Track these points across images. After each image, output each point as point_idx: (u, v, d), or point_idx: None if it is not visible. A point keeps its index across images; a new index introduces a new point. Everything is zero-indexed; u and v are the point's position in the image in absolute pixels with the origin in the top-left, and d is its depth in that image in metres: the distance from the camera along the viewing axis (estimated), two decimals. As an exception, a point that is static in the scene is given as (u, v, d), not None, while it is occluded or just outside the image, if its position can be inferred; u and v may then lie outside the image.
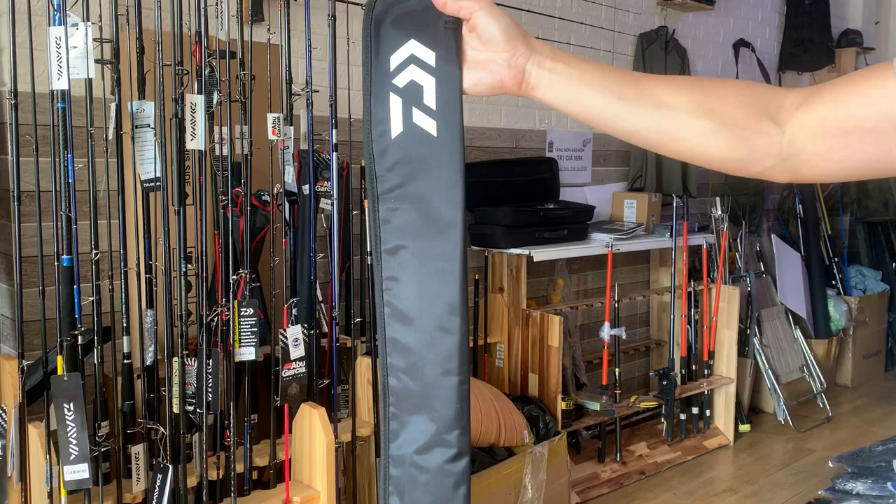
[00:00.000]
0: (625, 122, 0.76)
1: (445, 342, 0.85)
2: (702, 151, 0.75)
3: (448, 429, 0.86)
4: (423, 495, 0.86)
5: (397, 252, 0.86)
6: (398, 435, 0.87)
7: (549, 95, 0.77)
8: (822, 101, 0.73)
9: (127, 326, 1.71)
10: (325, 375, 2.11)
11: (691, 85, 0.77)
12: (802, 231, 4.51)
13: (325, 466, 1.69)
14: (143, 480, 1.66)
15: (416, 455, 0.86)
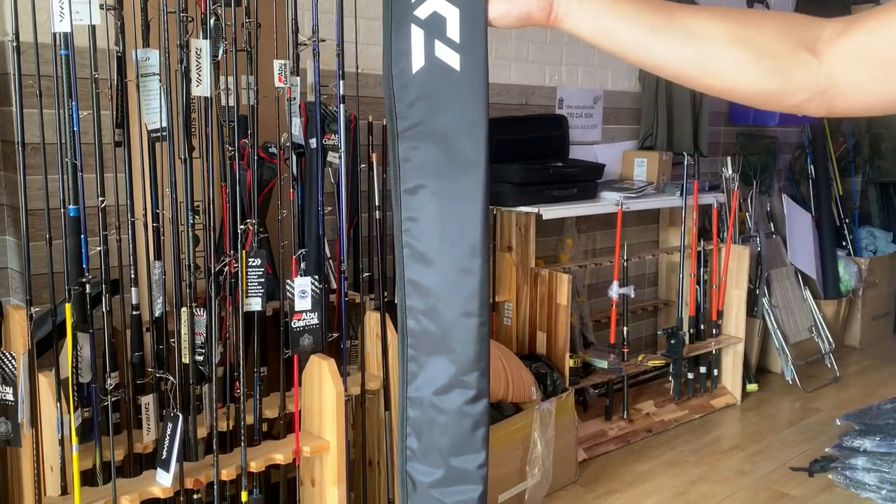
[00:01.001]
0: (656, 55, 0.74)
1: (466, 284, 0.83)
2: (735, 84, 0.73)
3: (467, 370, 0.84)
4: (441, 436, 0.86)
5: (417, 192, 0.84)
6: (416, 376, 0.86)
7: (578, 27, 0.75)
8: (863, 29, 0.70)
9: (135, 278, 1.70)
10: (335, 330, 2.11)
11: (726, 15, 0.74)
12: (814, 191, 4.47)
13: (335, 417, 1.69)
14: (154, 430, 1.67)
15: (434, 396, 0.85)
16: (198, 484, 1.58)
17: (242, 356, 1.73)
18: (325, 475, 1.73)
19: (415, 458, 0.87)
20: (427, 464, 0.86)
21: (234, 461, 1.64)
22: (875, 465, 2.74)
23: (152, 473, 1.55)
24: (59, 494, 1.47)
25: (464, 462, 0.86)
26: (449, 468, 0.85)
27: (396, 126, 0.84)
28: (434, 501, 0.86)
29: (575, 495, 2.76)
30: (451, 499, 0.85)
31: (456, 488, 0.85)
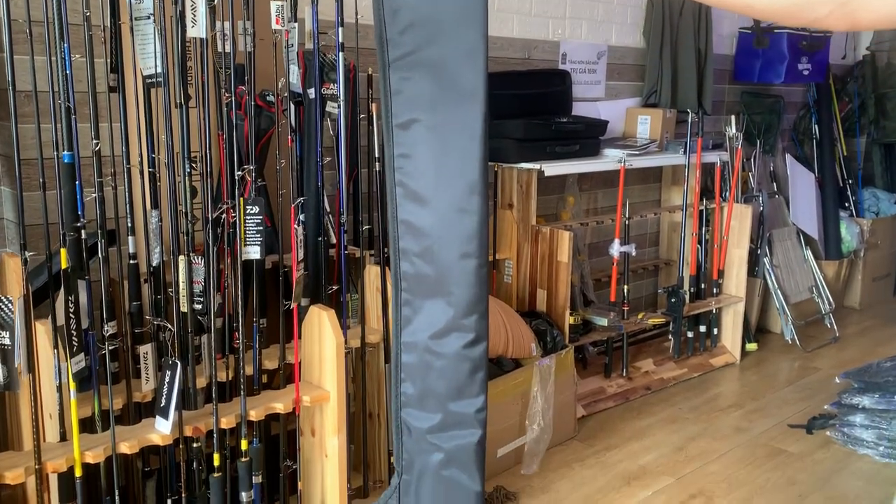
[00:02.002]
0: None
1: (464, 223, 0.80)
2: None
3: (465, 313, 0.82)
4: (438, 381, 0.83)
5: (410, 126, 0.80)
6: (411, 321, 0.83)
7: None
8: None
9: (132, 227, 1.67)
10: (335, 283, 2.09)
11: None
12: (817, 152, 4.43)
13: (335, 367, 1.68)
14: (153, 380, 1.66)
15: (430, 341, 0.83)
16: (197, 432, 1.58)
17: (241, 306, 1.72)
18: (326, 425, 1.73)
19: (410, 403, 0.85)
20: (423, 409, 0.84)
21: (234, 410, 1.63)
22: (873, 422, 2.75)
23: (151, 421, 1.55)
24: (58, 441, 1.46)
25: (462, 406, 0.84)
26: (447, 413, 0.84)
27: (388, 55, 0.79)
28: (431, 447, 0.84)
29: (574, 450, 2.77)
30: (448, 444, 0.84)
31: (454, 433, 0.84)
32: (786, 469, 2.70)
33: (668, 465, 2.69)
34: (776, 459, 2.76)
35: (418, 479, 0.85)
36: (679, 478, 2.61)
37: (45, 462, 1.38)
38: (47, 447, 1.44)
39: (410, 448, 0.85)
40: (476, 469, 0.84)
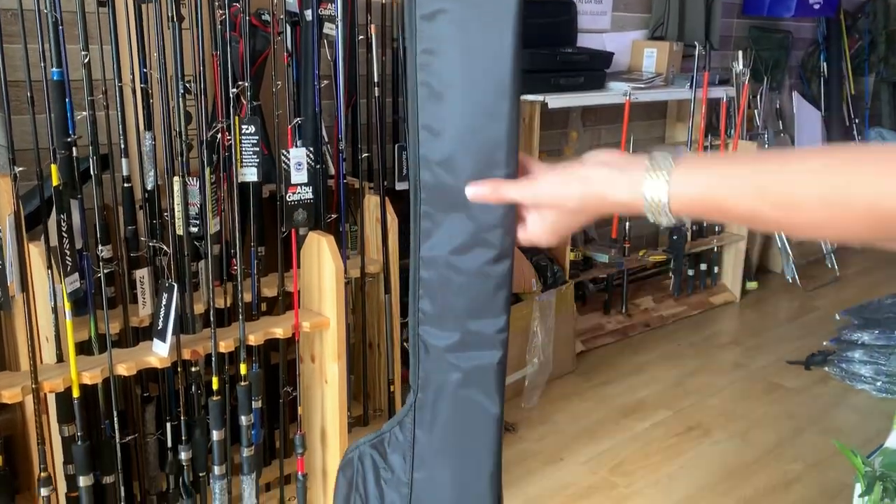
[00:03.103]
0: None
1: (492, 129, 0.73)
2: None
3: (489, 228, 0.75)
4: (458, 297, 0.78)
5: (436, 18, 0.73)
6: (430, 235, 0.78)
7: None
8: None
9: (125, 149, 1.63)
10: (333, 211, 2.06)
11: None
12: (825, 90, 4.34)
13: (335, 293, 1.66)
14: (150, 304, 1.64)
15: (451, 256, 0.77)
16: (195, 355, 1.56)
17: (238, 231, 1.68)
18: (325, 351, 1.72)
19: (428, 321, 0.81)
20: (442, 328, 0.80)
21: (233, 334, 1.61)
22: (872, 358, 2.75)
23: (149, 345, 1.53)
24: (54, 362, 1.45)
25: (482, 326, 0.79)
26: (466, 332, 0.80)
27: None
28: (448, 366, 0.80)
29: (573, 384, 2.79)
30: (467, 363, 0.80)
31: (473, 353, 0.80)
32: (783, 403, 2.72)
33: (665, 399, 2.70)
34: (773, 394, 2.78)
35: (435, 398, 0.82)
36: (677, 411, 2.63)
37: (41, 382, 1.37)
38: (44, 368, 1.42)
39: (428, 367, 0.81)
40: (495, 391, 0.80)
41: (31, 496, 1.77)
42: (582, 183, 0.68)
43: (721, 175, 0.63)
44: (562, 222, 0.72)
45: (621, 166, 0.67)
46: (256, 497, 1.69)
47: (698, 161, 0.65)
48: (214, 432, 1.60)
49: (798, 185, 0.58)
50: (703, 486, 2.24)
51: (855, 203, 0.55)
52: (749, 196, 0.61)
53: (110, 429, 1.52)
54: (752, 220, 0.63)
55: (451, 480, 0.84)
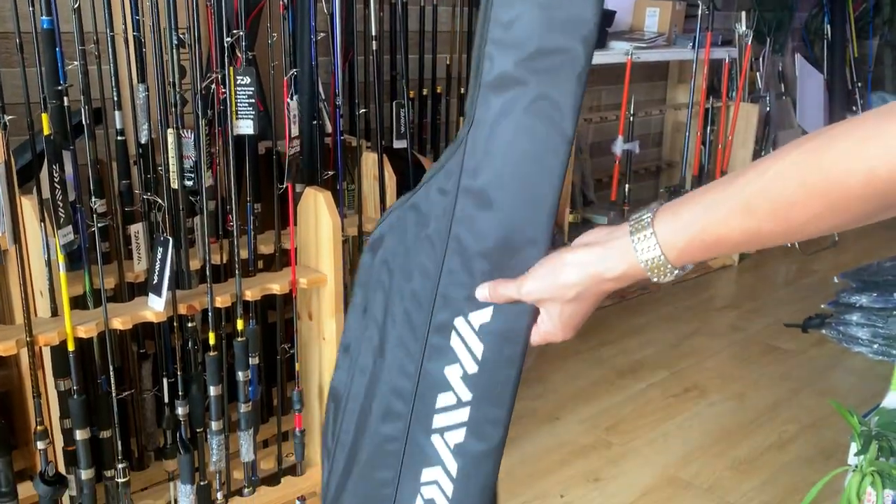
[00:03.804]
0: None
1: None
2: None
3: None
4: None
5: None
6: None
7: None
8: None
9: (118, 101, 1.60)
10: (330, 168, 2.03)
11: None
12: (828, 53, 4.29)
13: (332, 249, 1.64)
14: (145, 259, 1.62)
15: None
16: (191, 310, 1.55)
17: (234, 186, 1.66)
18: (323, 308, 1.70)
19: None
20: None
21: (229, 290, 1.60)
22: (869, 321, 2.76)
23: (144, 299, 1.52)
24: (49, 316, 1.43)
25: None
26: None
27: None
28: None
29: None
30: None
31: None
32: (779, 365, 2.73)
33: (662, 360, 2.71)
34: (770, 356, 2.78)
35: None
36: (673, 372, 2.63)
37: (36, 335, 1.36)
38: (38, 322, 1.41)
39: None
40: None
41: (28, 451, 1.77)
42: (575, 269, 0.66)
43: (704, 208, 0.60)
44: (568, 313, 0.70)
45: (606, 241, 0.65)
46: (254, 452, 1.69)
47: (675, 205, 0.62)
48: (211, 388, 1.59)
49: (784, 184, 0.55)
50: (698, 445, 2.25)
51: (850, 178, 0.51)
52: (739, 217, 0.58)
53: (106, 384, 1.51)
54: (753, 240, 0.59)
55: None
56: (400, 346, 0.79)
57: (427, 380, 0.78)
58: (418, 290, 0.77)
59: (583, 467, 2.11)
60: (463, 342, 0.75)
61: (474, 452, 0.77)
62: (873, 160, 0.50)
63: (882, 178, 0.50)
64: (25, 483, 1.54)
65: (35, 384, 1.39)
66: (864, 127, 0.51)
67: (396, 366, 0.80)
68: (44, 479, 1.39)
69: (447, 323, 0.76)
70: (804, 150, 0.54)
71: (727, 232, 0.58)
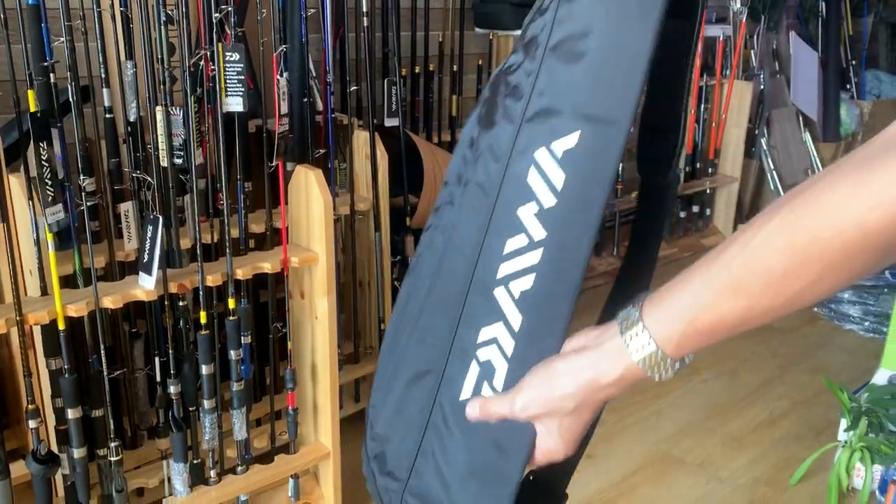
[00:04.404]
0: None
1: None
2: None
3: None
4: None
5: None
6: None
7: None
8: None
9: (106, 79, 1.58)
10: (321, 146, 2.02)
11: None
12: (822, 31, 4.27)
13: (324, 228, 1.63)
14: (135, 239, 1.61)
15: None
16: (182, 289, 1.54)
17: (224, 164, 1.65)
18: (315, 287, 1.70)
19: None
20: None
21: (220, 269, 1.59)
22: (861, 298, 2.77)
23: (135, 278, 1.51)
24: (39, 295, 1.43)
25: None
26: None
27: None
28: None
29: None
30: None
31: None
32: (771, 343, 2.74)
33: (656, 338, 2.72)
34: (762, 334, 2.79)
35: None
36: (666, 350, 2.64)
37: (26, 314, 1.35)
38: (28, 300, 1.40)
39: None
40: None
41: (20, 431, 1.77)
42: (569, 378, 0.62)
43: (691, 293, 0.56)
44: (567, 426, 0.64)
45: (597, 344, 0.61)
46: (247, 431, 1.69)
47: (662, 295, 0.58)
48: (203, 367, 1.59)
49: (771, 253, 0.51)
50: (690, 422, 2.27)
51: (843, 234, 0.47)
52: (730, 298, 0.53)
53: (98, 363, 1.51)
54: (751, 319, 0.55)
55: None
56: (475, 195, 0.71)
57: (497, 224, 0.69)
58: (500, 135, 0.69)
59: (575, 444, 2.12)
60: (542, 176, 0.66)
61: (542, 299, 0.66)
62: (864, 212, 0.47)
63: (877, 229, 0.46)
64: (18, 462, 1.54)
65: (26, 363, 1.39)
66: (846, 178, 0.48)
67: (468, 206, 0.71)
68: (36, 458, 1.39)
69: (527, 153, 0.67)
70: (786, 213, 0.51)
71: (721, 316, 0.54)
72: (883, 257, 0.49)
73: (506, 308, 0.67)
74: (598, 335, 0.62)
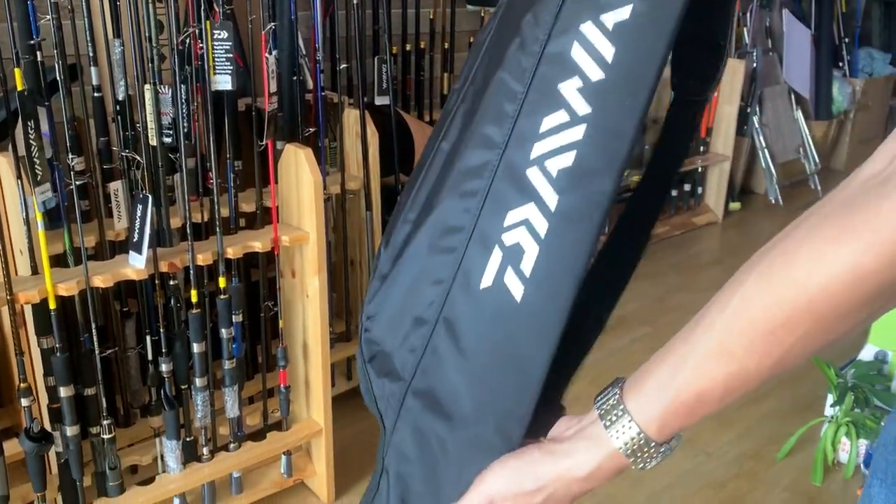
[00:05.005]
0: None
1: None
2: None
3: None
4: None
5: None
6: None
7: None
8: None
9: (94, 57, 1.57)
10: (311, 125, 2.01)
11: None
12: (815, 8, 4.25)
13: (314, 207, 1.63)
14: (125, 218, 1.61)
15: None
16: (173, 267, 1.55)
17: (214, 143, 1.65)
18: (305, 266, 1.70)
19: None
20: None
21: (211, 247, 1.60)
22: (850, 276, 2.79)
23: (125, 257, 1.51)
24: (29, 274, 1.43)
25: None
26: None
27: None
28: None
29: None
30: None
31: None
32: (761, 320, 2.76)
33: (647, 315, 2.74)
34: (752, 311, 2.82)
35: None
36: (657, 328, 2.66)
37: (16, 293, 1.35)
38: (18, 280, 1.41)
39: None
40: None
41: (13, 410, 1.78)
42: (543, 467, 0.57)
43: (672, 366, 0.53)
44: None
45: (573, 434, 0.57)
46: (239, 409, 1.70)
47: (642, 373, 0.55)
48: (195, 345, 1.60)
49: (755, 310, 0.48)
50: (679, 398, 2.29)
51: (833, 282, 0.45)
52: (714, 364, 0.50)
53: (89, 342, 1.51)
54: (741, 385, 0.51)
55: None
56: (499, 85, 0.65)
57: (531, 105, 0.63)
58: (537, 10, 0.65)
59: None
60: (588, 50, 0.61)
61: (583, 175, 0.61)
62: (855, 254, 0.44)
63: (871, 270, 0.44)
64: (11, 440, 1.56)
65: (17, 342, 1.39)
66: (828, 223, 0.46)
67: (490, 97, 0.66)
68: (29, 436, 1.40)
69: (570, 30, 0.62)
70: (767, 267, 0.49)
71: (707, 385, 0.51)
72: (882, 306, 0.46)
73: (540, 188, 0.61)
74: (575, 424, 0.58)
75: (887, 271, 0.43)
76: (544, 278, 0.60)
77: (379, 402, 0.68)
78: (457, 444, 0.64)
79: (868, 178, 0.48)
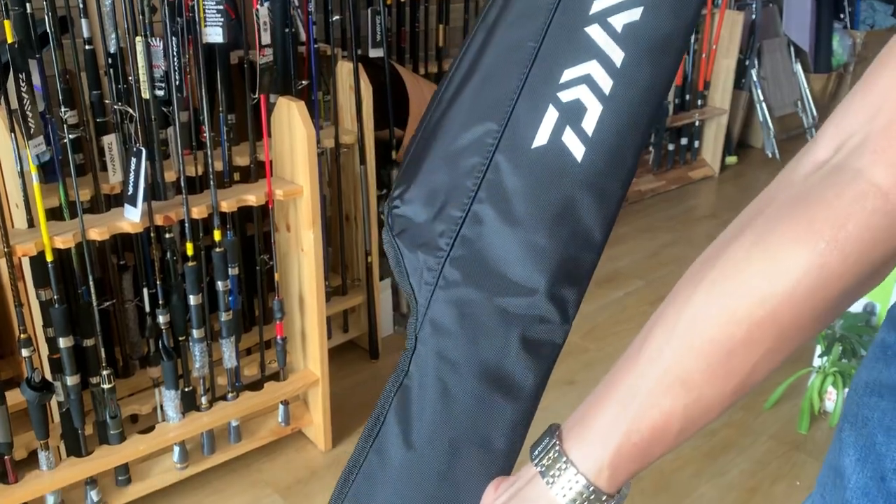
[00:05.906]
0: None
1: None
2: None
3: None
4: None
5: None
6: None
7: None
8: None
9: (84, 8, 1.56)
10: (304, 78, 2.01)
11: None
12: (818, -42, 4.19)
13: (307, 161, 1.64)
14: (120, 171, 1.62)
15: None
16: (168, 220, 1.56)
17: (206, 97, 1.64)
18: (300, 219, 1.72)
19: None
20: None
21: (205, 201, 1.61)
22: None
23: (121, 211, 1.53)
24: (26, 228, 1.44)
25: None
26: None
27: None
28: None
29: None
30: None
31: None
32: (754, 274, 2.79)
33: (640, 269, 2.76)
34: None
35: None
36: (650, 281, 2.69)
37: (13, 246, 1.37)
38: (15, 233, 1.42)
39: None
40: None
41: (15, 361, 1.81)
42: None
43: (619, 403, 0.46)
44: None
45: (509, 496, 0.51)
46: (237, 359, 1.73)
47: (583, 417, 0.49)
48: (191, 297, 1.62)
49: (709, 331, 0.42)
50: (671, 350, 2.32)
51: (798, 287, 0.40)
52: (669, 396, 0.44)
53: (87, 294, 1.54)
54: (701, 415, 0.45)
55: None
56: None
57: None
58: None
59: (558, 371, 2.18)
60: None
61: (652, 31, 0.57)
62: (818, 255, 0.39)
63: (837, 271, 0.39)
64: (14, 390, 1.59)
65: (16, 294, 1.41)
66: (781, 223, 0.42)
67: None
68: (30, 385, 1.43)
69: None
70: (716, 278, 0.43)
71: (662, 421, 0.45)
72: (838, 312, 0.42)
73: (603, 44, 0.58)
74: (516, 482, 0.51)
75: (855, 268, 0.39)
76: (606, 138, 0.57)
77: (411, 277, 0.63)
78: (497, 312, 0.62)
79: (813, 170, 0.43)
